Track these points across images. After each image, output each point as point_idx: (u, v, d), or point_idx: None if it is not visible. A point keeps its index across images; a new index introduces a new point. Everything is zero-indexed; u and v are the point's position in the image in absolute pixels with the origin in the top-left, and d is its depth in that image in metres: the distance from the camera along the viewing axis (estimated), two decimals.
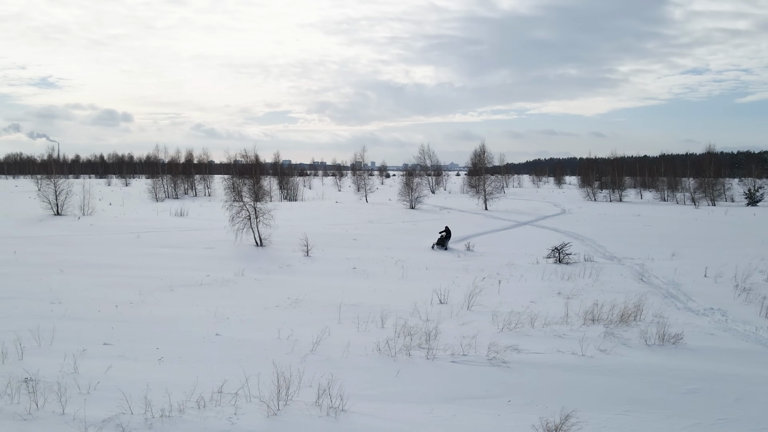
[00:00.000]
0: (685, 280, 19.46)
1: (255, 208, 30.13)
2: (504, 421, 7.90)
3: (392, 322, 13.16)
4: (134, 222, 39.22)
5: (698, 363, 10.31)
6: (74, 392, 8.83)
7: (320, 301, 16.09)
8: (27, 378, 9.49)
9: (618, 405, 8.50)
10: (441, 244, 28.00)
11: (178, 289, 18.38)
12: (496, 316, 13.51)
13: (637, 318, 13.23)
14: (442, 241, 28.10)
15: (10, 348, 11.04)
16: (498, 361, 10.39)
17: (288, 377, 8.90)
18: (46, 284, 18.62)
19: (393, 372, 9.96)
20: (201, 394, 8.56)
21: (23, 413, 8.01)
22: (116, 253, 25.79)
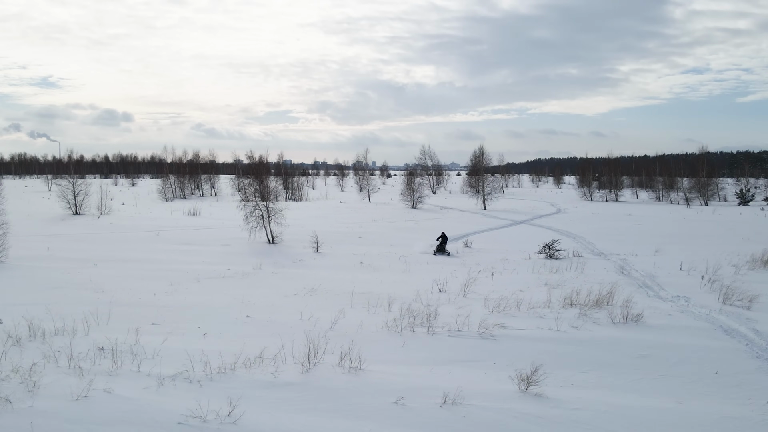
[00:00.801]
0: (661, 273, 21.54)
1: (267, 208, 32.18)
2: (488, 376, 10.01)
3: (398, 307, 15.26)
4: (150, 221, 41.37)
5: (652, 336, 12.41)
6: (142, 357, 10.93)
7: (333, 290, 18.19)
8: (100, 347, 11.60)
9: (581, 366, 10.61)
10: (441, 251, 28.00)
11: (204, 281, 20.49)
12: (487, 301, 15.62)
13: (609, 302, 15.31)
14: (441, 247, 28.18)
15: (78, 326, 13.15)
16: (487, 335, 12.49)
17: (315, 345, 11.00)
18: (86, 276, 20.74)
19: (400, 343, 12.06)
20: (246, 358, 10.66)
21: (107, 371, 10.10)
22: (140, 249, 27.91)
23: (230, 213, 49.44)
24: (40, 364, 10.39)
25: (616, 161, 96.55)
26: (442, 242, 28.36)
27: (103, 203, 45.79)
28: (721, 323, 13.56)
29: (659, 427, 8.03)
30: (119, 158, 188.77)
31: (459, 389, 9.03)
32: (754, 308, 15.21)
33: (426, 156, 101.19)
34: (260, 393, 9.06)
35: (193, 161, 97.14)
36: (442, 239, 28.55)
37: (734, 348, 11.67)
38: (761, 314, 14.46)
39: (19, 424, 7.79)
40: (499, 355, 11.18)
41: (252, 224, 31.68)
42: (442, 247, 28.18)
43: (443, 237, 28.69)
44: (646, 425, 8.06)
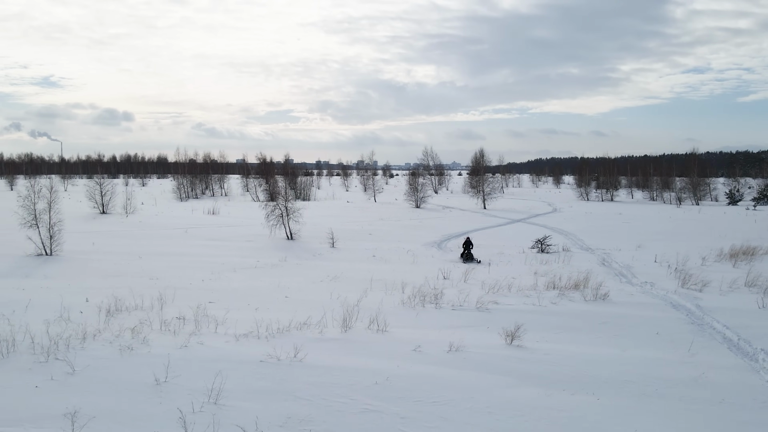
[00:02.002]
0: (637, 264, 24.68)
1: (286, 207, 35.31)
2: (483, 335, 13.17)
3: (410, 289, 18.42)
4: (174, 219, 44.59)
5: (613, 309, 15.59)
6: (215, 323, 14.08)
7: (353, 278, 21.35)
8: (178, 317, 14.77)
9: (554, 329, 13.77)
10: (470, 258, 26.53)
11: (240, 270, 23.67)
12: (484, 285, 18.81)
13: (584, 286, 18.45)
14: (469, 254, 26.76)
15: (154, 303, 16.33)
16: (483, 308, 15.67)
17: (348, 315, 14.16)
18: (137, 267, 23.94)
19: (413, 315, 15.23)
20: (297, 323, 13.83)
21: (192, 332, 13.26)
22: (174, 244, 31.10)
23: (247, 212, 52.59)
24: (138, 327, 13.56)
25: (613, 161, 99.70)
26: (468, 249, 27.00)
27: (128, 203, 48.98)
28: (672, 301, 16.74)
29: (605, 364, 11.18)
30: (126, 158, 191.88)
31: (461, 342, 12.20)
32: (705, 290, 18.36)
33: (428, 157, 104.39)
34: (313, 345, 12.21)
35: (205, 162, 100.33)
36: (466, 245, 27.21)
37: (676, 317, 14.84)
38: (708, 295, 17.61)
39: (146, 362, 10.96)
40: (491, 322, 14.34)
41: (272, 222, 34.81)
42: (470, 254, 26.78)
43: (468, 243, 27.37)
44: (596, 363, 11.22)
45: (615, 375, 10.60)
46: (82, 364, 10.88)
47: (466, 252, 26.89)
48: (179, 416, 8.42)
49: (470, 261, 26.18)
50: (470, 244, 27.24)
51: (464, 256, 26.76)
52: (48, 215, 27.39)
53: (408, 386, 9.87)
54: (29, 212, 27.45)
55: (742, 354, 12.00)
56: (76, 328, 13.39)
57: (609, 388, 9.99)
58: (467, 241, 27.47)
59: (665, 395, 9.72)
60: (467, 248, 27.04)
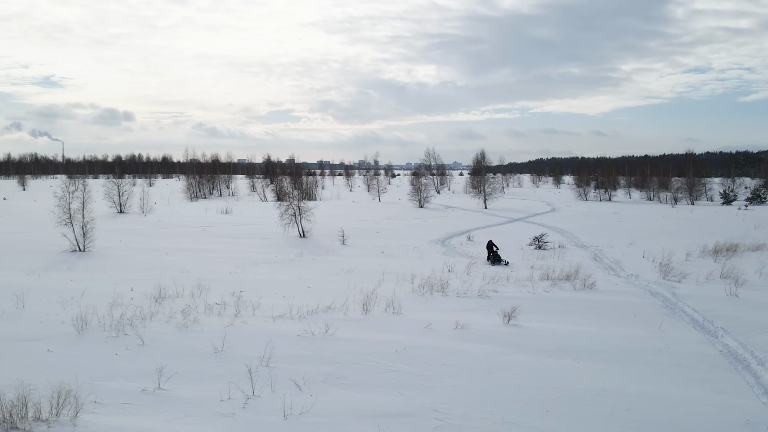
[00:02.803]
0: (626, 259, 26.80)
1: (299, 206, 37.44)
2: (484, 316, 15.32)
3: (418, 280, 20.57)
4: (190, 218, 46.78)
5: (599, 296, 17.74)
6: (251, 307, 16.23)
7: (366, 271, 23.49)
8: (217, 303, 16.92)
9: (545, 312, 15.92)
10: (497, 260, 25.97)
11: (261, 264, 25.81)
12: (485, 276, 20.97)
13: (575, 277, 20.59)
14: (496, 256, 26.21)
15: (194, 291, 18.49)
16: (484, 296, 17.83)
17: (367, 300, 16.31)
18: (166, 261, 26.08)
19: (423, 301, 17.39)
20: (323, 306, 15.99)
21: (233, 314, 15.41)
22: (195, 241, 33.26)
23: (257, 211, 54.80)
24: (186, 310, 15.71)
25: (612, 162, 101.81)
26: (492, 250, 26.53)
27: (145, 203, 51.15)
28: (651, 289, 18.89)
29: (587, 338, 13.33)
30: (131, 158, 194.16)
31: (465, 321, 14.36)
32: (683, 282, 20.50)
33: (430, 157, 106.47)
34: (339, 323, 14.36)
35: (213, 162, 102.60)
36: (490, 248, 26.76)
37: (653, 303, 17.00)
38: (685, 285, 19.75)
39: (201, 336, 13.12)
40: (491, 306, 16.49)
41: (286, 220, 36.95)
42: (497, 255, 26.23)
43: (491, 245, 26.95)
44: (579, 337, 13.37)
45: (594, 346, 12.75)
46: (149, 338, 13.05)
47: (492, 254, 26.41)
48: (244, 372, 10.58)
49: (498, 263, 25.70)
50: (494, 246, 26.89)
51: (491, 258, 26.26)
52: (81, 214, 29.54)
53: (422, 354, 12.02)
54: (64, 211, 29.58)
55: (704, 331, 14.15)
56: (133, 310, 15.57)
57: (588, 355, 12.14)
58: (490, 243, 27.11)
59: (633, 360, 11.86)
60: (491, 250, 26.62)
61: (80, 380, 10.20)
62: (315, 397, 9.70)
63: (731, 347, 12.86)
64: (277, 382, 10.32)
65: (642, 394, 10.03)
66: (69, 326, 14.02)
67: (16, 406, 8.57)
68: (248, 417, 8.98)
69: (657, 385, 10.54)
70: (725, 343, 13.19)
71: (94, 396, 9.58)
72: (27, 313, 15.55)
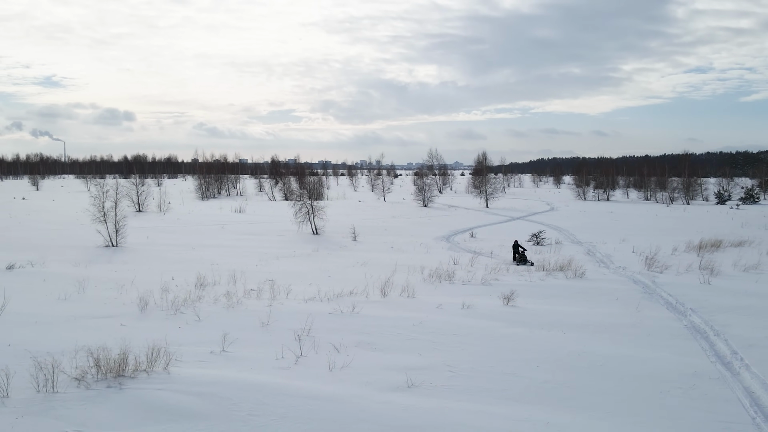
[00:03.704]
0: (616, 254, 29.17)
1: (312, 205, 39.85)
2: (486, 299, 17.73)
3: (428, 271, 22.96)
4: (207, 217, 49.23)
5: (587, 284, 20.13)
6: (284, 292, 18.63)
7: (379, 263, 25.88)
8: (252, 289, 19.32)
9: (540, 296, 18.32)
10: (523, 260, 26.14)
11: (282, 258, 28.22)
12: (487, 267, 23.37)
13: (568, 268, 22.97)
14: (522, 256, 26.38)
15: (230, 280, 20.89)
16: (486, 283, 20.23)
17: (384, 286, 18.71)
18: (195, 255, 28.49)
19: (433, 287, 19.78)
20: (347, 291, 18.39)
21: (270, 298, 17.81)
22: (217, 238, 35.69)
23: (269, 210, 57.28)
24: (228, 294, 18.11)
25: (611, 162, 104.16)
26: (518, 251, 26.68)
27: (163, 202, 53.62)
28: (634, 278, 21.29)
29: (574, 316, 15.71)
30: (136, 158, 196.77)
31: (470, 303, 16.76)
32: (664, 272, 22.88)
33: (433, 158, 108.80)
34: (363, 304, 16.75)
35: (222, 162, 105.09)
36: (516, 248, 26.89)
37: (634, 289, 19.39)
38: (665, 275, 22.14)
39: (247, 314, 15.52)
40: (493, 291, 18.89)
41: (300, 218, 39.36)
42: (524, 256, 26.40)
43: (517, 245, 27.08)
44: (567, 315, 15.76)
45: (579, 322, 15.15)
46: (203, 315, 15.47)
47: (518, 255, 26.50)
48: (290, 339, 13.00)
49: (524, 263, 25.82)
50: (520, 246, 27.06)
51: (517, 259, 26.37)
52: (114, 212, 31.99)
53: (436, 326, 14.43)
54: (99, 209, 32.02)
55: (674, 311, 16.54)
56: (182, 294, 17.98)
57: (573, 328, 14.53)
58: (516, 244, 27.20)
59: (611, 332, 14.26)
60: (517, 251, 26.71)
61: (158, 345, 12.58)
62: (351, 357, 12.09)
63: (695, 323, 15.24)
64: (318, 347, 12.71)
65: (615, 354, 12.43)
66: (132, 307, 16.44)
67: (120, 361, 10.95)
68: (301, 369, 11.38)
69: (628, 348, 12.93)
70: (691, 320, 15.58)
71: (173, 356, 11.96)
72: (89, 297, 17.97)
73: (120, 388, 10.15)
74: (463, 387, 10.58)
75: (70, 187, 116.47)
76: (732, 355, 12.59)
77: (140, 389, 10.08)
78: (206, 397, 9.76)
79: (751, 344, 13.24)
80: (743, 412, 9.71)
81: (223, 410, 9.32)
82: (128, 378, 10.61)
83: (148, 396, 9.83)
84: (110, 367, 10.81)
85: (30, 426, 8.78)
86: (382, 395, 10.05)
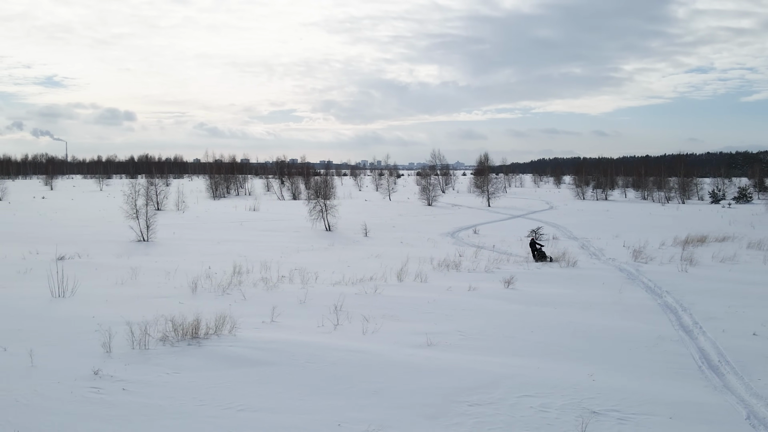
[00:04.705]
0: (608, 248, 31.79)
1: (325, 204, 42.49)
2: (489, 283, 20.38)
3: (436, 261, 25.60)
4: (224, 215, 51.94)
5: (579, 271, 22.77)
6: (314, 277, 21.26)
7: (392, 255, 28.51)
8: (284, 275, 21.96)
9: (536, 281, 20.97)
10: (542, 257, 26.07)
11: (302, 252, 30.87)
12: (490, 258, 26.03)
13: (562, 259, 25.60)
14: (541, 253, 26.28)
15: (261, 269, 23.55)
16: (489, 271, 22.89)
17: (400, 273, 21.35)
18: (221, 249, 31.14)
19: (442, 275, 22.43)
20: (367, 277, 21.03)
21: (302, 283, 20.46)
22: (237, 234, 38.35)
23: (281, 208, 59.96)
24: (264, 279, 20.74)
25: (610, 162, 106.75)
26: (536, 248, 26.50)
27: (180, 201, 56.32)
28: (621, 267, 23.94)
29: (564, 296, 18.34)
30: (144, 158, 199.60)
31: (475, 286, 19.41)
32: (649, 263, 25.50)
33: (436, 158, 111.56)
34: (382, 287, 19.38)
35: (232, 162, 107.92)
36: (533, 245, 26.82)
37: (619, 276, 22.03)
38: (649, 265, 24.76)
39: (285, 294, 18.16)
40: (495, 278, 21.53)
41: (314, 216, 42.02)
42: (542, 252, 26.33)
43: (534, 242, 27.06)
44: (559, 296, 18.39)
45: (569, 300, 17.79)
46: (248, 295, 18.11)
47: (536, 251, 26.31)
48: (327, 312, 15.63)
49: (543, 260, 25.77)
50: (537, 243, 26.91)
51: (536, 256, 26.19)
52: (145, 209, 34.68)
53: (447, 304, 17.07)
54: (131, 207, 34.71)
55: (651, 293, 19.17)
56: (224, 279, 20.62)
57: (564, 305, 17.17)
58: (532, 242, 27.12)
59: (595, 308, 16.89)
60: (535, 248, 26.58)
61: (222, 314, 15.20)
62: (379, 325, 14.73)
63: (668, 302, 17.87)
64: (351, 318, 15.35)
65: (597, 324, 15.07)
66: (183, 289, 19.08)
67: (194, 325, 13.57)
68: (339, 333, 14.02)
69: (608, 320, 15.56)
70: (665, 300, 18.21)
71: (235, 323, 14.58)
72: (143, 282, 20.62)
73: (198, 345, 12.80)
74: (471, 346, 13.22)
75: (81, 187, 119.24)
76: (693, 324, 15.23)
77: (215, 346, 12.72)
78: (270, 351, 12.40)
79: (711, 317, 15.87)
80: (693, 363, 12.35)
81: (285, 359, 11.96)
82: (202, 339, 13.24)
83: (223, 350, 12.47)
84: (186, 330, 13.45)
85: (138, 370, 11.41)
86: (408, 350, 12.70)
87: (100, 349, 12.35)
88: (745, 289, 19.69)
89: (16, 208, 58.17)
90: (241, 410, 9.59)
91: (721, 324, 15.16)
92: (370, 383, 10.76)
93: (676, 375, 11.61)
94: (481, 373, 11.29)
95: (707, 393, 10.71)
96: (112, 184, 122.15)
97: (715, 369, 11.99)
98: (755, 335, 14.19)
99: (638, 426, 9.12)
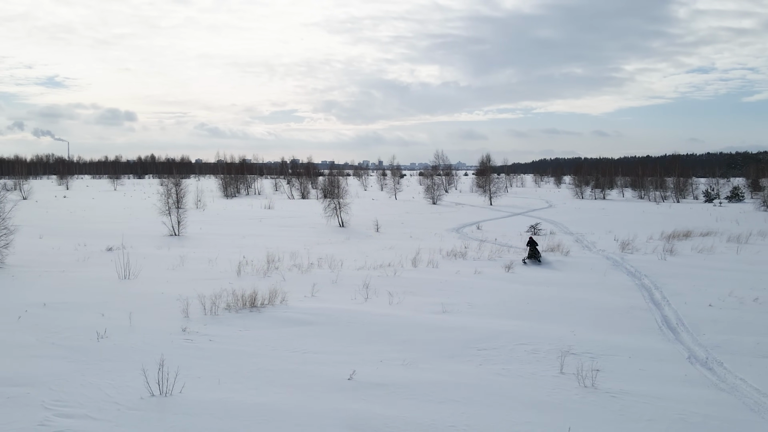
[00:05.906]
0: (600, 241, 34.88)
1: (339, 202, 45.63)
2: (492, 269, 23.51)
3: (444, 251, 28.73)
4: (243, 212, 55.11)
5: (571, 259, 25.90)
6: (339, 263, 24.39)
7: (404, 247, 31.64)
8: (312, 263, 25.10)
9: (533, 266, 24.09)
10: (534, 257, 25.40)
11: (322, 244, 33.99)
12: (492, 249, 29.17)
13: (557, 250, 28.71)
14: (534, 253, 25.52)
15: (290, 258, 26.68)
16: (492, 259, 26.03)
17: (413, 260, 24.49)
18: (248, 242, 34.27)
19: (451, 262, 25.56)
20: (386, 263, 24.17)
21: (330, 267, 23.58)
22: (258, 229, 41.50)
23: (294, 207, 63.14)
24: (297, 265, 23.88)
25: (609, 162, 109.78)
26: (533, 248, 25.77)
27: (199, 199, 59.50)
28: (608, 256, 27.07)
29: (557, 278, 21.47)
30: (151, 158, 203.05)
31: (480, 271, 22.55)
32: (634, 253, 28.60)
33: (439, 159, 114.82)
34: (401, 271, 22.50)
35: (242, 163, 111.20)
36: (531, 244, 26.16)
37: (606, 263, 25.15)
38: (634, 255, 27.86)
39: (318, 276, 21.29)
40: (497, 264, 24.65)
41: (329, 213, 45.17)
42: (535, 251, 25.62)
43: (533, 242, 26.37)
44: (552, 278, 21.52)
45: (560, 281, 20.91)
46: (286, 277, 21.24)
47: (531, 251, 25.71)
48: (358, 289, 18.76)
49: (533, 258, 25.31)
50: (535, 244, 26.31)
51: (530, 256, 25.47)
52: (176, 206, 37.84)
53: (456, 283, 20.21)
54: (164, 204, 37.86)
55: (632, 276, 22.29)
56: (262, 266, 23.75)
57: (555, 284, 20.29)
58: (531, 241, 26.58)
59: (582, 287, 20.01)
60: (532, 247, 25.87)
61: (274, 289, 18.32)
62: (402, 298, 17.86)
63: (645, 283, 20.99)
64: (378, 293, 18.49)
65: (581, 297, 18.20)
66: (229, 273, 22.21)
67: (252, 297, 16.69)
68: (370, 304, 17.15)
69: (591, 295, 18.69)
70: (642, 281, 21.33)
71: (284, 297, 17.68)
72: (190, 268, 23.75)
73: (258, 312, 15.95)
74: (478, 313, 16.36)
75: (94, 186, 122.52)
76: (662, 299, 18.35)
77: (272, 312, 15.87)
78: (317, 315, 15.55)
79: (678, 293, 19.00)
80: (656, 324, 15.48)
81: (330, 321, 15.10)
82: (260, 307, 16.38)
83: (279, 315, 15.62)
84: (246, 301, 16.60)
85: (215, 328, 14.52)
86: (427, 315, 15.85)
87: (180, 314, 15.49)
88: (713, 273, 22.78)
89: (45, 206, 61.37)
90: (305, 352, 12.72)
91: (685, 298, 18.28)
92: (401, 335, 13.91)
93: (640, 332, 14.76)
94: (486, 329, 14.43)
95: (662, 343, 13.86)
96: (125, 183, 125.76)
97: (672, 329, 15.13)
98: (710, 306, 17.31)
99: (604, 362, 12.25)
